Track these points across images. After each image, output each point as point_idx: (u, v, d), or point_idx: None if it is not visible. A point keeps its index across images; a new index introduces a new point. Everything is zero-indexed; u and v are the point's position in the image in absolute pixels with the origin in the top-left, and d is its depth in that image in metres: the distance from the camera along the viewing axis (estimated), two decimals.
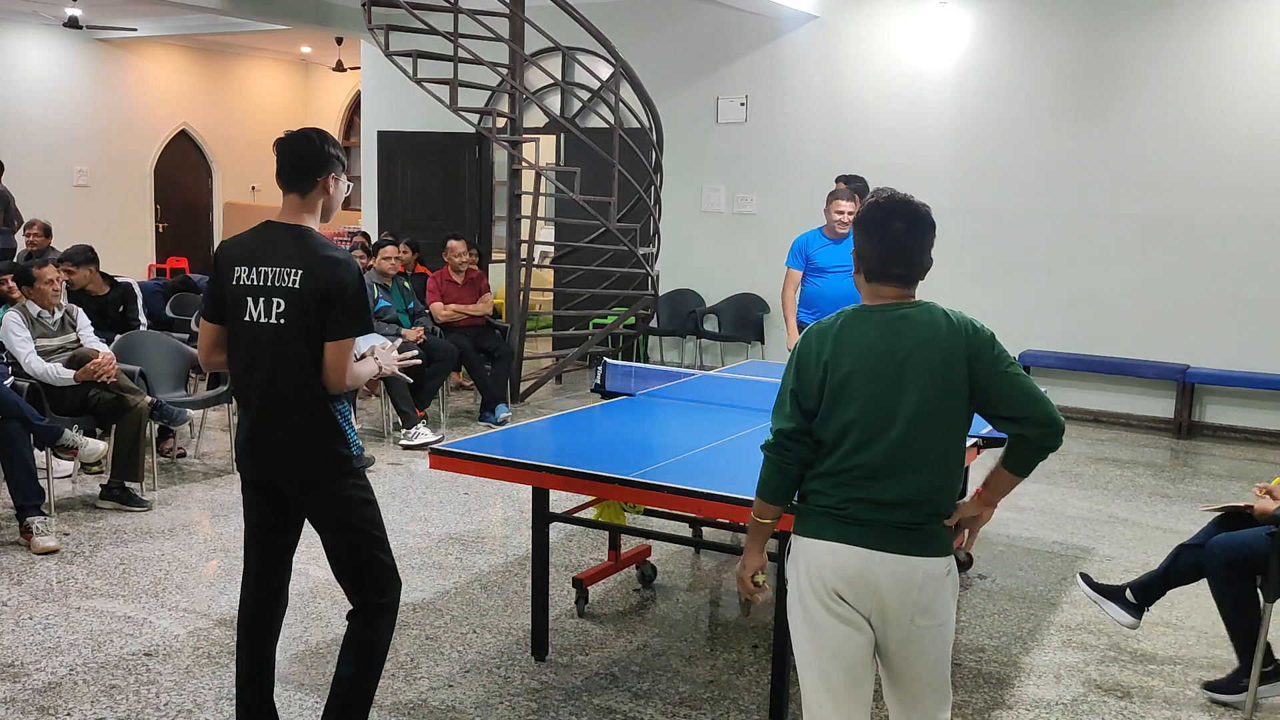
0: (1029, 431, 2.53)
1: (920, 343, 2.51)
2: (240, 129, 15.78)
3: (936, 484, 2.53)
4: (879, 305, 2.58)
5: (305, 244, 3.07)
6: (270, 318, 3.01)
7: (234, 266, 3.08)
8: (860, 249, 2.63)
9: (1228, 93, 8.28)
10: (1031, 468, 2.61)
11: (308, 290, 2.99)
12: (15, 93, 13.26)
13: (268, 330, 3.02)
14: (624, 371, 5.79)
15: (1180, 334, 8.58)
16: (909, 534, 2.50)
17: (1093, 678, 4.14)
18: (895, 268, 2.57)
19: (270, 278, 3.02)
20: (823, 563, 2.54)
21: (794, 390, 2.60)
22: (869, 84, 9.62)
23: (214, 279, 3.15)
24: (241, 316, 3.05)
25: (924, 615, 2.50)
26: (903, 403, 2.49)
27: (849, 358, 2.53)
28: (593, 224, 9.18)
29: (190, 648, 4.19)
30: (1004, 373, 2.51)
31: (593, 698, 3.85)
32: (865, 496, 2.51)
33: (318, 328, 3.01)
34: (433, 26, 8.24)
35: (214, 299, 3.14)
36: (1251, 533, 3.84)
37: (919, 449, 2.50)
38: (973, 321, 2.57)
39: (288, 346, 3.02)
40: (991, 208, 9.17)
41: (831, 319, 2.61)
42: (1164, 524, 6.15)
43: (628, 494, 3.72)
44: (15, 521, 5.35)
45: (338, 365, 3.03)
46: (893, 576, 2.48)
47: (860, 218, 2.63)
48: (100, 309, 6.93)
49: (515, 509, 6.07)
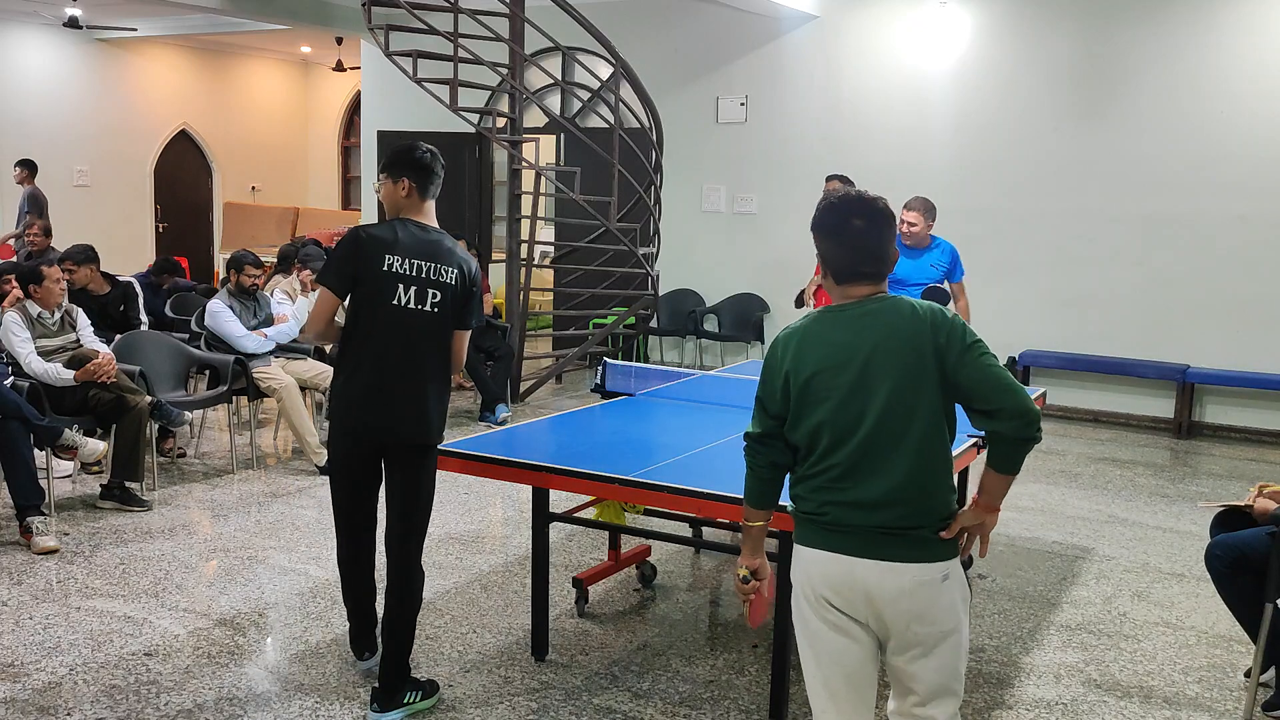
0: (1003, 426, 2.46)
1: (884, 337, 2.47)
2: (240, 129, 15.78)
3: (918, 482, 2.46)
4: (844, 304, 2.55)
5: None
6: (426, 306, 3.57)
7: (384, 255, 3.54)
8: (824, 253, 2.58)
9: (1228, 93, 8.28)
10: (1017, 463, 2.53)
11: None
12: (15, 93, 13.26)
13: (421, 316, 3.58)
14: (624, 371, 5.79)
15: (1180, 334, 8.58)
16: (894, 539, 2.45)
17: (1093, 678, 4.14)
18: (863, 266, 2.53)
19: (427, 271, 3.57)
20: (811, 571, 2.53)
21: (759, 397, 2.62)
22: (869, 84, 9.62)
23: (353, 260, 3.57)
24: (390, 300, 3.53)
25: (920, 622, 2.46)
26: (871, 400, 2.45)
27: (812, 360, 2.51)
28: (593, 224, 9.18)
29: (190, 648, 4.19)
30: (974, 362, 2.45)
31: (593, 698, 3.85)
32: (843, 499, 2.48)
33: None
34: (433, 26, 8.24)
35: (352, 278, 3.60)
36: (1251, 533, 3.84)
37: (891, 445, 2.45)
38: (941, 310, 2.52)
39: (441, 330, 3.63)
40: (991, 207, 9.17)
41: (799, 322, 2.61)
42: (1164, 524, 6.15)
43: (628, 494, 3.72)
44: (15, 521, 5.35)
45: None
46: (880, 583, 2.44)
47: (819, 222, 2.58)
48: (101, 308, 6.94)
49: (515, 509, 6.07)
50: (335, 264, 3.62)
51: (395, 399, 3.57)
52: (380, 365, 3.56)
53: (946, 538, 2.49)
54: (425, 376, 3.59)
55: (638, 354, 10.40)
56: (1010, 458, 2.52)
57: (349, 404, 3.63)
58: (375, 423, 3.60)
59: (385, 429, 3.60)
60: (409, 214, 3.64)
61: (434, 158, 3.67)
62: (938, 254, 6.24)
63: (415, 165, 3.62)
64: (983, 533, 2.63)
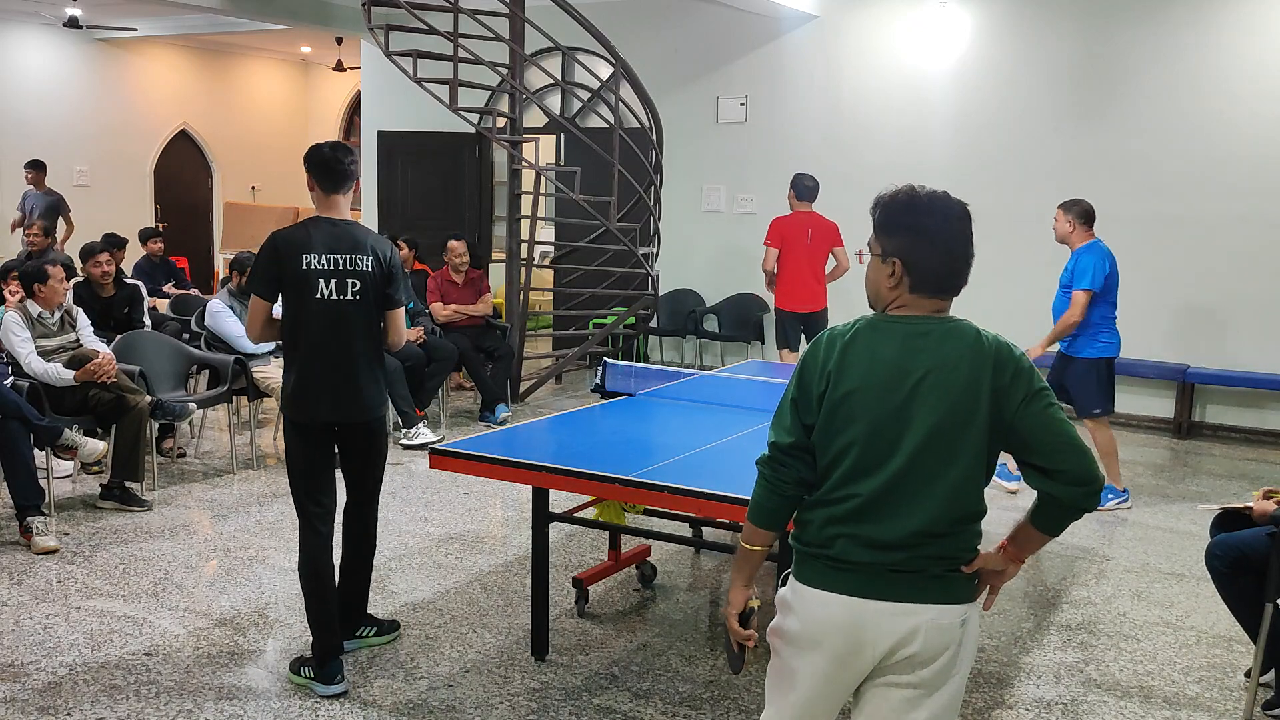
0: (1061, 491, 2.17)
1: (940, 364, 2.19)
2: (240, 129, 15.78)
3: (942, 528, 2.19)
4: (901, 316, 2.26)
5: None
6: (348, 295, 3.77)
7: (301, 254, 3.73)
8: (907, 254, 2.23)
9: (1228, 93, 8.28)
10: (1062, 528, 2.27)
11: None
12: (15, 93, 13.26)
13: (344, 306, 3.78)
14: (624, 371, 5.78)
15: (1180, 334, 8.58)
16: (908, 576, 2.19)
17: (1093, 678, 4.14)
18: (957, 278, 2.25)
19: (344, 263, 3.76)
20: (813, 614, 2.25)
21: (794, 400, 2.31)
22: (869, 84, 9.62)
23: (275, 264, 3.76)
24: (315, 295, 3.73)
25: (927, 668, 2.20)
26: (908, 431, 2.18)
27: (855, 373, 2.22)
28: (593, 224, 9.18)
29: (190, 648, 4.19)
30: (1041, 412, 2.17)
31: (593, 698, 3.85)
32: (856, 533, 2.21)
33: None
34: (433, 26, 8.24)
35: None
36: (1251, 533, 3.84)
37: (922, 485, 2.18)
38: (1009, 346, 2.23)
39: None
40: (991, 207, 9.15)
41: (846, 326, 2.31)
42: (1164, 524, 6.15)
43: (628, 494, 3.72)
44: (15, 521, 5.35)
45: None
46: (890, 629, 2.18)
47: (912, 220, 2.24)
48: (105, 309, 6.95)
49: (515, 509, 6.07)
50: (258, 271, 3.82)
51: (334, 386, 3.79)
52: (315, 357, 3.78)
53: (967, 572, 2.24)
54: (358, 361, 3.81)
55: (638, 354, 10.39)
56: (1059, 521, 2.26)
57: (294, 398, 3.84)
58: (320, 412, 3.81)
59: (330, 415, 3.83)
60: (320, 211, 3.84)
61: (338, 153, 3.80)
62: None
63: (317, 163, 3.80)
64: (1002, 580, 2.34)
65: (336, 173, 3.80)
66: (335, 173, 3.80)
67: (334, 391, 3.80)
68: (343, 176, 3.81)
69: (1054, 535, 2.30)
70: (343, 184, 3.82)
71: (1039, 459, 2.19)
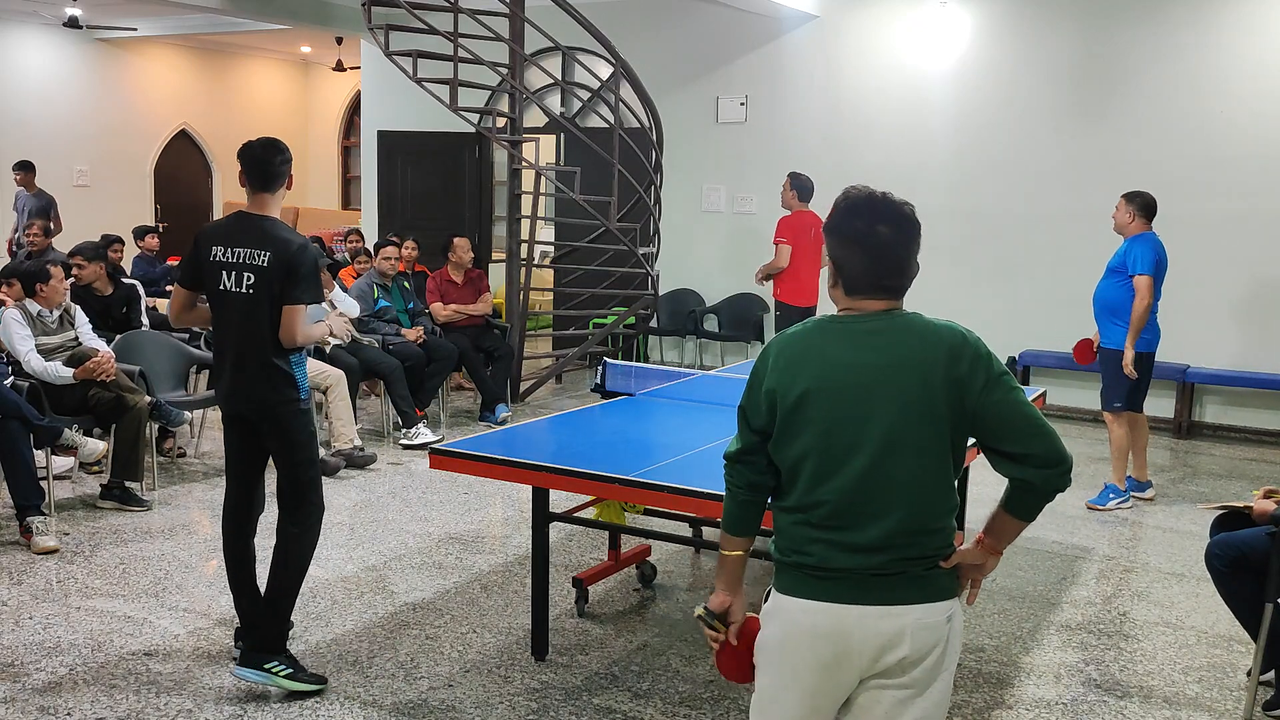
0: (1032, 474, 2.18)
1: (894, 360, 2.17)
2: (240, 129, 15.70)
3: (917, 525, 2.18)
4: (848, 317, 2.25)
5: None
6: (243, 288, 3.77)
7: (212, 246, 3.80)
8: (840, 259, 2.25)
9: (1228, 93, 8.28)
10: (1038, 512, 2.27)
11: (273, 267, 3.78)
12: (15, 93, 13.26)
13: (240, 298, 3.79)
14: (624, 371, 5.79)
15: (1180, 334, 8.56)
16: (890, 579, 2.17)
17: (1093, 678, 4.14)
18: (887, 279, 2.22)
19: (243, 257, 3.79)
20: (796, 623, 2.23)
21: (742, 406, 2.32)
22: (869, 84, 9.62)
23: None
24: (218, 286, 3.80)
25: (916, 668, 2.18)
26: (868, 431, 2.16)
27: (806, 375, 2.20)
28: (593, 224, 9.18)
29: (190, 648, 4.19)
30: (1003, 398, 2.17)
31: (593, 698, 3.85)
32: (832, 539, 2.19)
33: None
34: (433, 26, 8.24)
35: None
36: (1251, 532, 3.85)
37: (889, 486, 2.16)
38: (965, 333, 2.21)
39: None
40: (991, 207, 9.17)
41: (797, 328, 2.30)
42: (1164, 524, 6.15)
43: (628, 494, 3.72)
44: (15, 521, 5.35)
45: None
46: (877, 631, 2.16)
47: (837, 224, 2.25)
48: (104, 309, 6.94)
49: (515, 509, 6.07)
50: (183, 260, 4.00)
51: (238, 374, 3.85)
52: (223, 346, 3.89)
53: (946, 567, 2.23)
54: (255, 352, 3.82)
55: (638, 354, 10.40)
56: (1034, 507, 2.26)
57: (216, 385, 3.98)
58: (230, 400, 3.91)
59: (225, 405, 3.95)
60: (248, 207, 3.91)
61: (269, 153, 3.84)
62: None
63: (247, 161, 3.86)
64: (982, 574, 2.34)
65: (266, 173, 3.84)
66: (264, 173, 3.84)
67: (230, 381, 3.87)
68: (271, 176, 3.84)
69: (1030, 521, 2.30)
70: (271, 183, 3.85)
71: (1007, 445, 2.19)
